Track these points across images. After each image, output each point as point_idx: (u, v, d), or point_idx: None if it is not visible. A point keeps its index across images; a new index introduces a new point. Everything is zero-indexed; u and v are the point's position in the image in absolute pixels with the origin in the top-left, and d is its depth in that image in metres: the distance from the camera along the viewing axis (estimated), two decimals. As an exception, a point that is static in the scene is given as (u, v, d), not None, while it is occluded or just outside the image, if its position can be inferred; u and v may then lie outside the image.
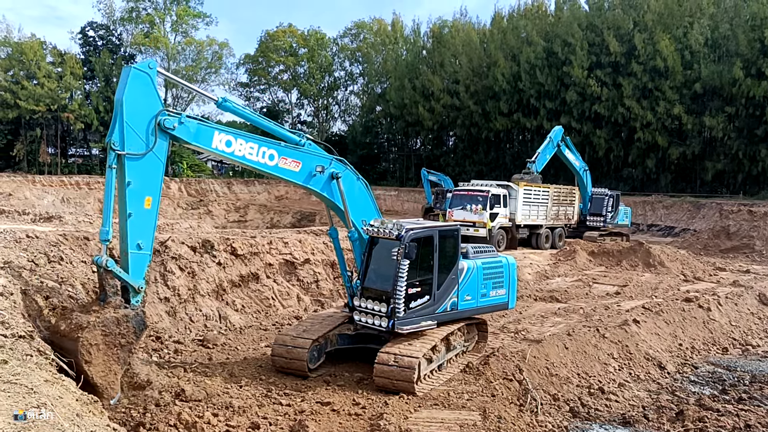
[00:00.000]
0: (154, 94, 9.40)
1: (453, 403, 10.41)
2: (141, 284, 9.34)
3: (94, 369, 8.57)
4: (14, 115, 54.26)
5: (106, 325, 8.74)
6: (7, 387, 5.16)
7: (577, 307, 17.68)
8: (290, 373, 11.44)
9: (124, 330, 8.91)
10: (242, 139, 10.34)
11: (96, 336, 8.61)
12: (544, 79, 51.86)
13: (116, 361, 8.82)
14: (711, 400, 11.38)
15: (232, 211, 53.38)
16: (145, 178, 9.30)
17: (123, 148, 9.02)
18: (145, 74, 9.24)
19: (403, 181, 66.37)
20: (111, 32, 64.99)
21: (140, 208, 9.24)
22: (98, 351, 8.61)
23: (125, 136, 9.04)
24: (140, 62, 9.43)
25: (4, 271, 9.57)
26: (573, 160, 34.16)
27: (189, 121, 9.78)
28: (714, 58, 44.94)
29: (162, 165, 9.59)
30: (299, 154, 11.07)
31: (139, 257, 9.30)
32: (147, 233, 9.37)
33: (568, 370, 12.31)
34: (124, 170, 9.07)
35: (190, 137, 9.80)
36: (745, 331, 16.94)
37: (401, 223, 11.32)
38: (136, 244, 9.22)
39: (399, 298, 10.91)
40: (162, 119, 9.34)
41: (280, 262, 17.71)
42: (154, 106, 9.36)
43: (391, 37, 71.21)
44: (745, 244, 32.65)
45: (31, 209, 29.70)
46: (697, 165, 47.46)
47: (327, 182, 11.36)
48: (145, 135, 9.25)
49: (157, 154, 9.42)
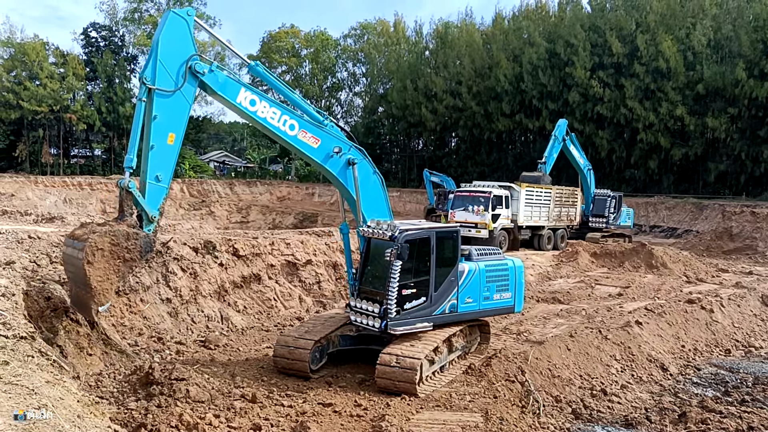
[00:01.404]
0: (189, 38, 9.94)
1: (455, 404, 10.38)
2: (155, 213, 9.76)
3: (94, 272, 9.06)
4: (17, 115, 54.38)
5: (116, 235, 9.26)
6: (8, 388, 5.16)
7: (579, 309, 17.66)
8: (292, 374, 11.42)
9: (131, 245, 9.40)
10: (267, 102, 10.77)
11: (104, 242, 9.14)
12: (547, 80, 51.83)
13: (115, 271, 9.31)
14: (714, 402, 11.33)
15: (234, 212, 53.43)
16: (171, 114, 9.81)
17: (154, 83, 9.56)
18: (183, 19, 9.85)
19: (406, 182, 66.37)
20: (113, 33, 65.06)
21: (163, 142, 9.72)
22: (102, 257, 9.11)
23: (157, 73, 9.60)
24: (180, 9, 10.03)
25: (6, 271, 9.58)
26: (578, 157, 34.08)
27: (219, 72, 10.27)
28: (717, 59, 44.86)
29: (188, 106, 10.08)
30: (320, 132, 11.30)
31: (157, 188, 9.74)
32: (167, 167, 9.86)
33: (571, 371, 12.28)
34: (153, 104, 9.58)
35: (218, 86, 10.25)
36: (747, 333, 16.90)
37: (396, 224, 11.27)
38: (155, 175, 9.68)
39: (391, 299, 10.86)
40: (194, 63, 9.87)
41: (282, 263, 17.70)
42: (187, 49, 9.91)
43: (394, 38, 71.24)
44: (747, 245, 32.57)
45: (34, 210, 29.76)
46: (700, 166, 47.37)
47: (344, 167, 11.52)
48: (175, 75, 9.79)
49: (185, 94, 9.94)
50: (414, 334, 11.32)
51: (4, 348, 6.18)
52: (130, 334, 12.99)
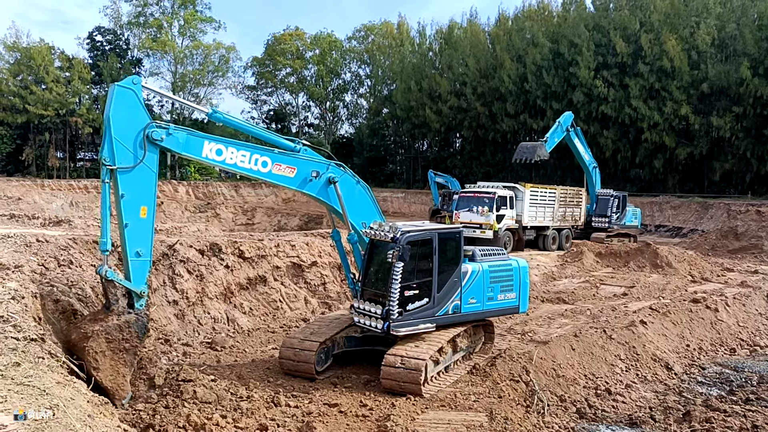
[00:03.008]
0: (139, 108, 9.58)
1: (460, 404, 10.44)
2: (143, 289, 9.65)
3: (103, 374, 9.04)
4: (23, 119, 54.80)
5: (109, 332, 9.18)
6: (20, 389, 5.26)
7: (584, 309, 17.69)
8: (298, 375, 11.51)
9: (127, 335, 9.33)
10: (233, 148, 10.50)
11: (101, 344, 9.09)
12: (551, 80, 51.85)
13: (123, 364, 9.26)
14: (718, 401, 11.35)
15: (240, 214, 53.56)
16: (138, 189, 9.56)
17: (114, 163, 9.27)
18: (129, 90, 9.48)
19: (410, 183, 66.46)
20: (118, 37, 65.48)
21: (136, 218, 9.50)
22: (104, 357, 9.09)
23: (115, 151, 9.30)
24: (124, 80, 9.62)
25: (16, 274, 9.71)
26: (583, 152, 33.95)
27: (177, 132, 9.99)
28: (721, 58, 44.83)
29: (154, 175, 9.81)
30: (294, 160, 11.20)
31: (139, 264, 9.58)
32: (145, 241, 9.63)
33: (575, 371, 12.32)
34: (118, 184, 9.34)
35: (180, 147, 10.01)
36: (753, 332, 16.89)
37: (398, 225, 11.33)
38: (135, 252, 9.51)
39: (393, 300, 10.93)
40: (150, 131, 9.57)
41: (287, 264, 17.80)
42: (141, 120, 9.59)
43: (398, 39, 71.38)
44: (753, 244, 32.50)
45: (41, 213, 29.99)
46: (705, 165, 47.31)
47: (324, 187, 11.47)
48: (133, 148, 9.49)
49: (149, 164, 9.65)
50: (418, 334, 11.39)
51: (16, 350, 6.29)
52: (137, 336, 13.08)
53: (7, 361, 5.85)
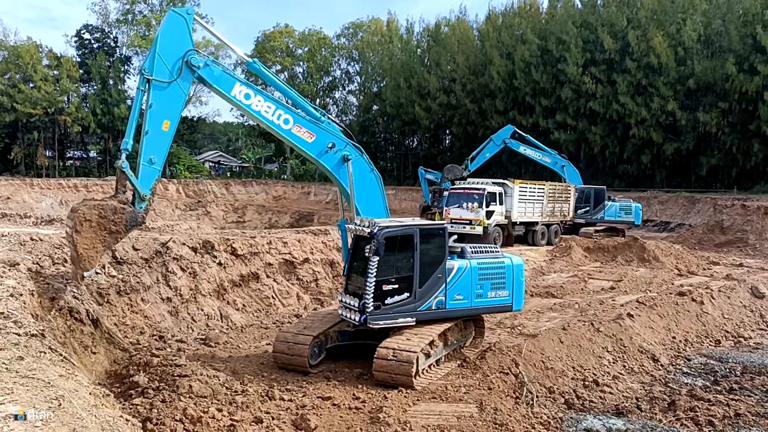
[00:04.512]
0: (186, 35, 10.65)
1: (450, 396, 10.66)
2: (146, 193, 10.42)
3: (81, 240, 9.84)
4: (11, 118, 54.46)
5: (104, 208, 10.03)
6: (25, 381, 5.42)
7: (572, 302, 17.97)
8: (291, 369, 11.69)
9: (118, 219, 10.08)
10: (261, 96, 11.33)
11: (92, 213, 9.92)
12: (539, 76, 52.14)
13: (102, 242, 10.05)
14: (703, 391, 11.63)
15: (231, 212, 53.61)
16: (167, 103, 10.51)
17: (152, 75, 10.30)
18: (182, 17, 10.63)
19: (401, 179, 66.67)
20: (106, 35, 65.09)
21: (158, 129, 10.39)
22: (90, 228, 9.88)
23: (155, 66, 10.34)
24: (180, 8, 10.83)
25: (12, 272, 9.84)
26: (535, 156, 34.45)
27: (214, 66, 10.96)
28: (707, 54, 45.29)
29: (183, 97, 10.84)
30: (315, 128, 11.74)
31: (150, 170, 10.43)
32: (161, 151, 10.52)
33: (563, 363, 12.56)
34: (150, 94, 10.30)
35: (213, 80, 10.91)
36: (737, 324, 17.22)
37: (376, 221, 11.50)
38: (149, 158, 10.35)
39: (369, 294, 11.12)
40: (190, 57, 10.57)
41: (279, 261, 17.96)
42: (185, 44, 10.61)
43: (387, 36, 71.45)
44: (738, 238, 32.95)
45: (31, 212, 29.92)
46: (692, 160, 47.83)
47: (339, 163, 11.92)
48: (172, 68, 10.50)
49: (182, 86, 10.66)
50: (401, 328, 11.56)
51: (18, 345, 6.44)
52: (132, 333, 13.24)
53: (11, 355, 6.00)
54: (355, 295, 11.61)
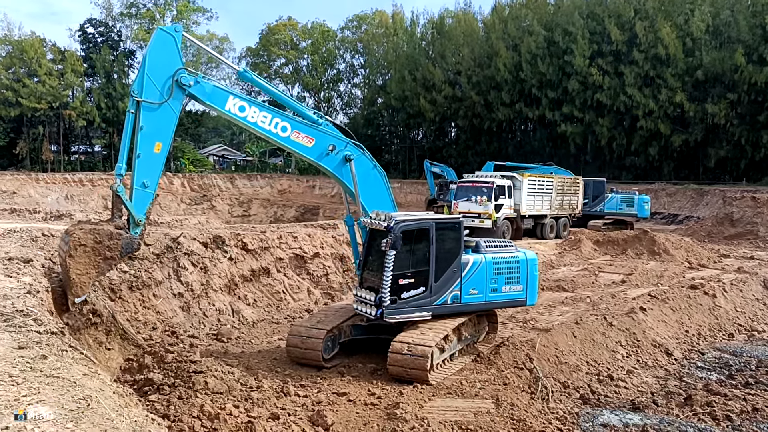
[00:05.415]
0: (175, 53, 10.35)
1: (466, 391, 10.61)
2: (141, 218, 10.27)
3: (74, 264, 9.73)
4: (16, 113, 54.46)
5: (100, 233, 9.93)
6: (50, 381, 5.37)
7: (583, 296, 17.89)
8: (305, 363, 11.64)
9: (113, 245, 9.98)
10: (256, 107, 11.06)
11: (87, 238, 9.81)
12: (546, 68, 51.88)
13: (95, 267, 9.95)
14: (718, 385, 11.57)
15: (236, 206, 53.61)
16: (158, 125, 10.26)
17: (141, 96, 10.05)
18: (170, 35, 10.33)
19: (406, 173, 66.53)
20: (110, 29, 64.99)
21: (149, 151, 10.16)
22: (84, 252, 9.77)
23: (144, 87, 10.08)
24: (167, 25, 10.71)
25: (27, 269, 9.81)
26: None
27: (205, 82, 10.67)
28: (715, 45, 44.97)
29: (175, 117, 10.51)
30: (313, 132, 11.52)
31: (143, 194, 10.23)
32: (153, 174, 10.30)
33: (577, 358, 12.50)
34: (140, 116, 10.06)
35: (205, 96, 10.66)
36: (750, 317, 17.14)
37: (393, 215, 11.43)
38: (142, 182, 10.14)
39: (385, 288, 11.06)
40: (180, 76, 10.29)
41: (290, 256, 17.93)
42: (174, 63, 10.33)
43: (391, 29, 71.15)
44: (748, 230, 32.80)
45: (38, 207, 29.93)
46: (700, 152, 47.58)
47: (340, 164, 11.72)
48: (162, 88, 10.24)
49: (172, 106, 10.37)
50: (415, 322, 11.51)
51: (40, 343, 6.41)
52: (144, 329, 13.22)
53: (34, 354, 5.95)
54: (370, 289, 11.56)
